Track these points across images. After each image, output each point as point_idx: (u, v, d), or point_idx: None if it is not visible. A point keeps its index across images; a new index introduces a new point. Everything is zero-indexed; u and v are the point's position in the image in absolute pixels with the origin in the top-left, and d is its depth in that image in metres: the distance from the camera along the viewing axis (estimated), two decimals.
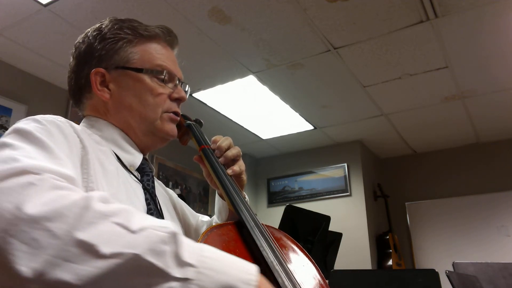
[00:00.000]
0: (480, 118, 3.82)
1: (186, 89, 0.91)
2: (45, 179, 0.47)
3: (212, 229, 0.69)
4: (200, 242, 0.64)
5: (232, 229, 0.72)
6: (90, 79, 0.80)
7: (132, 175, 0.78)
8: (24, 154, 0.53)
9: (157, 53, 0.83)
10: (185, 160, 4.05)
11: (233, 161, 0.88)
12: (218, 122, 3.77)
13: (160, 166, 3.83)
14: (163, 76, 0.82)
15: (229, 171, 0.85)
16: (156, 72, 0.81)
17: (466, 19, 2.45)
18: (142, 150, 0.84)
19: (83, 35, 0.85)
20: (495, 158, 4.26)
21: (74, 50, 0.85)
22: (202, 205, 4.27)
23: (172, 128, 0.84)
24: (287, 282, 0.65)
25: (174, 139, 1.02)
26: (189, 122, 0.94)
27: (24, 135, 0.59)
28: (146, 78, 0.80)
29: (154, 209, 0.74)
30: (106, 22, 0.84)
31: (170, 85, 0.84)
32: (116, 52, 0.80)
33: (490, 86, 3.26)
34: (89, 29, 0.85)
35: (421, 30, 2.53)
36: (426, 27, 2.51)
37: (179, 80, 0.86)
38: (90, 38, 0.82)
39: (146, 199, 0.75)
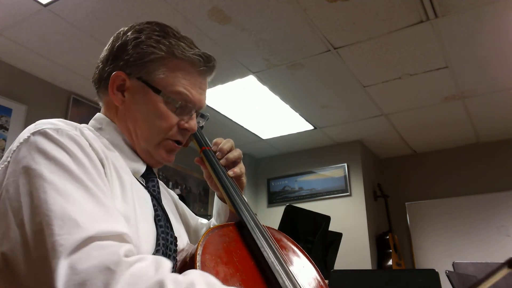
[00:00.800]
0: (480, 118, 3.82)
1: (205, 114, 0.90)
2: (120, 262, 0.51)
3: (213, 229, 0.69)
4: (202, 242, 0.64)
5: (233, 230, 0.72)
6: (110, 79, 0.79)
7: (138, 182, 0.78)
8: (78, 209, 0.55)
9: (184, 78, 0.80)
10: (185, 160, 4.05)
11: (234, 163, 0.88)
12: (218, 122, 3.77)
13: None
14: (177, 106, 0.79)
15: (230, 173, 0.85)
16: (171, 99, 0.78)
17: (466, 19, 2.45)
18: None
19: (125, 29, 0.83)
20: (495, 158, 4.26)
21: (111, 40, 0.84)
22: (202, 205, 4.27)
23: (167, 157, 0.82)
24: (287, 283, 0.65)
25: None
26: None
27: (58, 165, 0.59)
28: (161, 101, 0.78)
29: (161, 215, 0.74)
30: (149, 29, 0.81)
31: (184, 116, 0.81)
32: (144, 64, 0.78)
33: (490, 86, 3.25)
34: (134, 25, 0.83)
35: (421, 30, 2.53)
36: (426, 27, 2.51)
37: (197, 110, 0.84)
38: (128, 38, 0.80)
39: (154, 205, 0.75)
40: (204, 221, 1.01)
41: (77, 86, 3.14)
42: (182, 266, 0.69)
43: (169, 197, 0.92)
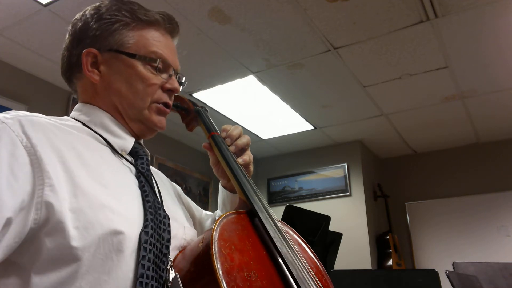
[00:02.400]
0: (480, 118, 3.82)
1: (183, 81, 0.88)
2: None
3: (227, 215, 0.68)
4: (216, 227, 0.63)
5: (245, 218, 0.71)
6: (82, 59, 0.78)
7: (124, 160, 0.75)
8: None
9: (154, 40, 0.80)
10: (185, 160, 4.05)
11: (242, 150, 0.87)
12: (218, 122, 3.77)
13: (160, 166, 3.83)
14: (156, 65, 0.78)
15: (240, 160, 0.84)
16: (149, 59, 0.78)
17: (466, 19, 2.45)
18: (133, 135, 0.81)
19: (81, 12, 0.83)
20: (495, 158, 4.26)
21: (70, 27, 0.83)
22: (202, 205, 4.27)
23: (160, 120, 0.80)
24: (301, 274, 0.64)
25: (184, 129, 0.99)
26: (197, 108, 0.92)
27: None
28: (139, 65, 0.77)
29: (149, 191, 0.70)
30: (106, 2, 0.81)
31: (164, 75, 0.80)
32: (111, 34, 0.78)
33: (490, 86, 3.26)
34: (88, 7, 0.83)
35: (421, 30, 2.53)
36: (426, 27, 2.51)
37: (175, 71, 0.82)
38: (88, 16, 0.80)
39: (141, 182, 0.72)
40: (209, 212, 1.00)
41: None
42: (196, 253, 0.65)
43: (170, 185, 0.91)
